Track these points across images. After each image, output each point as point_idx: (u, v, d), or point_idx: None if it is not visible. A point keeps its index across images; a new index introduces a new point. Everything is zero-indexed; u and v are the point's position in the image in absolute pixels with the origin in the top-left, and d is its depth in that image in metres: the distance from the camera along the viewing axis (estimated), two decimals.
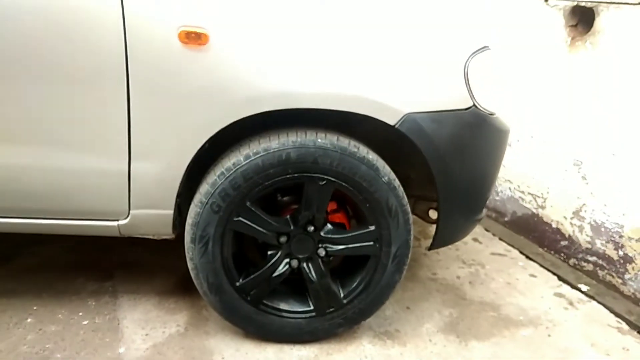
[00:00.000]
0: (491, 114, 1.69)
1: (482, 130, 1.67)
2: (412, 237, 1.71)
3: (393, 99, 1.54)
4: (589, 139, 2.35)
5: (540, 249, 2.62)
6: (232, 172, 1.54)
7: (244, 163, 1.54)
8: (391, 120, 1.55)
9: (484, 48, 1.64)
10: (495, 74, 1.72)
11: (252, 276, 1.69)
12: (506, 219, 2.89)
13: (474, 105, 1.62)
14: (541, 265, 2.46)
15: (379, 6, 1.64)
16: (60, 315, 1.86)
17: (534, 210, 2.70)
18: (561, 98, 2.48)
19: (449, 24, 1.72)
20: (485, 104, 1.65)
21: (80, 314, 1.87)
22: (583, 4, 2.34)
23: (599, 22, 2.27)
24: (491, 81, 1.68)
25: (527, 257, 2.54)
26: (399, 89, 1.55)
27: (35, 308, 1.88)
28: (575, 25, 2.42)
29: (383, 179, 1.60)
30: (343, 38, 1.53)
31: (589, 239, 2.39)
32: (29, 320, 1.82)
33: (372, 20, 1.58)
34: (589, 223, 2.38)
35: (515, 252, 2.58)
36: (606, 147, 2.27)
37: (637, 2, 2.10)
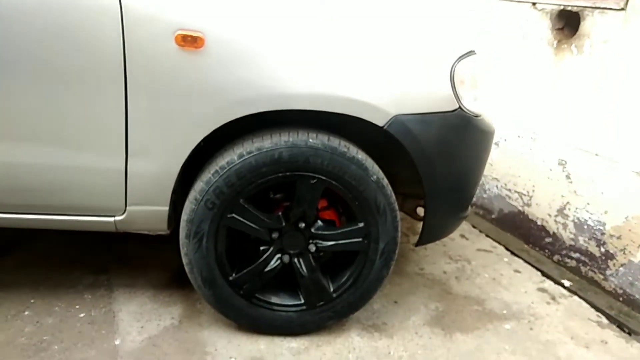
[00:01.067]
0: (476, 116, 1.74)
1: (468, 132, 1.73)
2: (399, 234, 1.77)
3: (382, 101, 1.59)
4: (574, 140, 2.42)
5: (526, 246, 2.69)
6: (226, 170, 1.59)
7: (237, 162, 1.59)
8: (380, 122, 1.61)
9: (470, 52, 1.70)
10: (481, 77, 1.78)
11: (244, 271, 1.74)
12: (493, 216, 2.96)
13: (460, 107, 1.68)
14: (526, 261, 2.52)
15: (368, 10, 1.69)
16: (57, 308, 1.90)
17: (520, 208, 2.77)
18: (548, 99, 2.55)
19: (437, 30, 1.78)
20: (471, 106, 1.71)
21: (77, 306, 1.92)
22: (569, 8, 2.40)
23: (584, 26, 2.33)
24: (477, 84, 1.73)
25: (513, 253, 2.60)
26: (388, 92, 1.60)
27: (32, 301, 1.93)
28: (562, 29, 2.48)
29: (372, 178, 1.66)
30: (334, 42, 1.58)
31: (572, 236, 2.46)
32: (26, 312, 1.87)
33: (361, 25, 1.63)
34: (573, 221, 2.45)
35: (501, 249, 2.65)
36: (589, 147, 2.34)
37: (619, 8, 2.16)
